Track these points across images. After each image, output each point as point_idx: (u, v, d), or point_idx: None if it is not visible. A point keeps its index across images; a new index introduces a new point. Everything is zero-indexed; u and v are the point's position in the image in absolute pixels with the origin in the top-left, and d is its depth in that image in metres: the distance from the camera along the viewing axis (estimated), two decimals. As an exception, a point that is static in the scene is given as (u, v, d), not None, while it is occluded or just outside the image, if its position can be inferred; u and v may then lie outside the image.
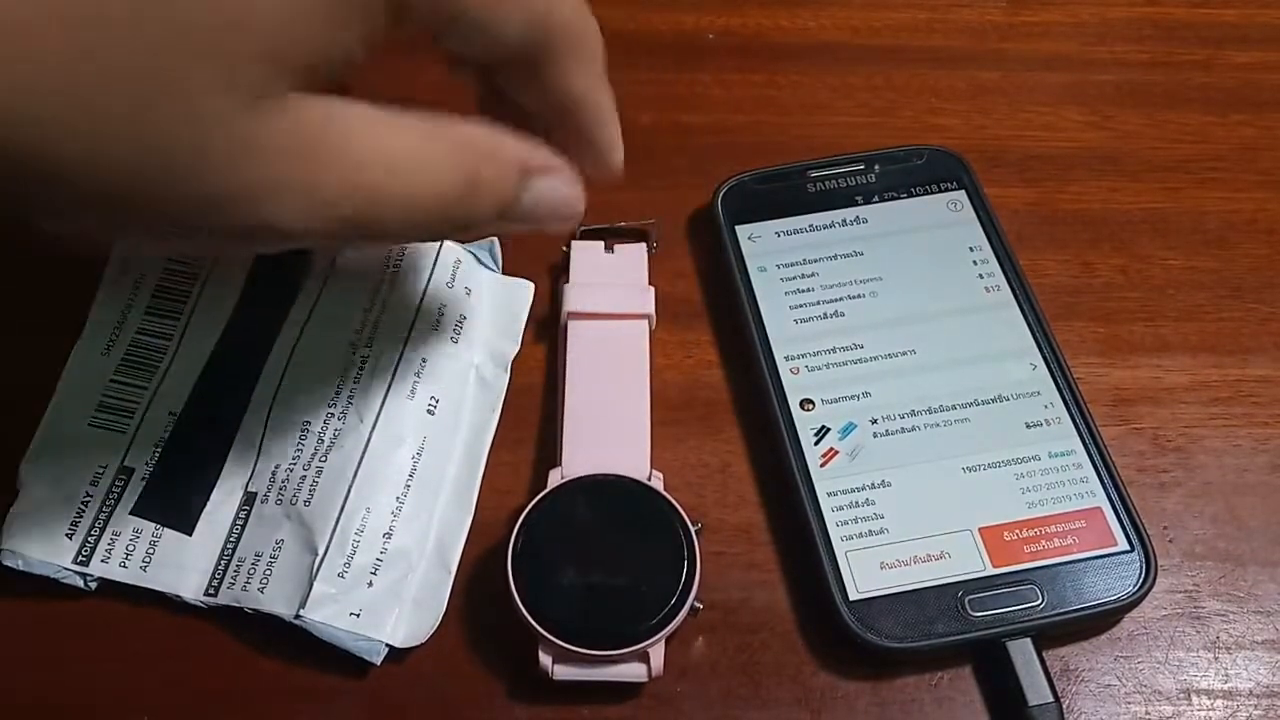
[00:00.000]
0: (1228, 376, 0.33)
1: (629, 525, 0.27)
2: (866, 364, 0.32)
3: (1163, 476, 0.31)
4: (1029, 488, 0.29)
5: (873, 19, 0.42)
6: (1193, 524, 0.30)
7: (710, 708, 0.27)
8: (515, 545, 0.27)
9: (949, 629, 0.27)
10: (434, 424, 0.30)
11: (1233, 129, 0.39)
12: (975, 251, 0.34)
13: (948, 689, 0.27)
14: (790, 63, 0.41)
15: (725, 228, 0.34)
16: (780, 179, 0.36)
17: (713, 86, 0.40)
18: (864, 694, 0.27)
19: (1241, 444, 0.31)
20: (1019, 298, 0.33)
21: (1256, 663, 0.28)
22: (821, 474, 0.29)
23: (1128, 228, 0.36)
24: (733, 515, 0.30)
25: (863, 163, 0.36)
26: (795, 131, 0.39)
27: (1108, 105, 0.39)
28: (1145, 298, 0.34)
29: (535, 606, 0.26)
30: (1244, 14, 0.42)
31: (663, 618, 0.26)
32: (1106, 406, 0.32)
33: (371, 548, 0.27)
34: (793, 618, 0.28)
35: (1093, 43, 0.41)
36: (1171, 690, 0.27)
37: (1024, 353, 0.32)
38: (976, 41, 0.42)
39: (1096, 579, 0.28)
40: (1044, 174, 0.37)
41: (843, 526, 0.29)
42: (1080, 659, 0.28)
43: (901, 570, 0.28)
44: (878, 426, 0.30)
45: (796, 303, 0.33)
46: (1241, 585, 0.29)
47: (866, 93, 0.40)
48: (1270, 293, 0.34)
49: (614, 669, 0.26)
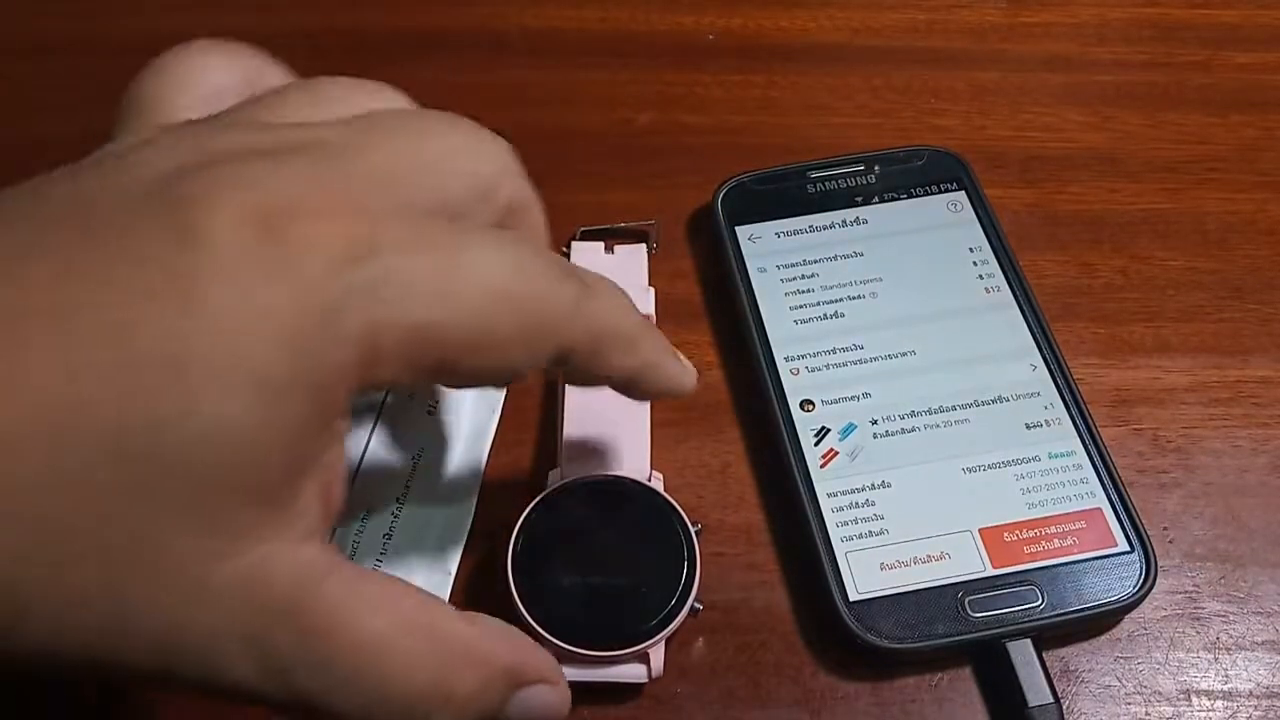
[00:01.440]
0: (1228, 377, 0.33)
1: (629, 526, 0.27)
2: (866, 365, 0.32)
3: (1163, 477, 0.31)
4: (1029, 488, 0.29)
5: (873, 19, 0.42)
6: (1193, 525, 0.30)
7: (710, 708, 0.27)
8: (515, 546, 0.27)
9: (949, 630, 0.27)
10: (433, 425, 0.30)
11: (1233, 129, 0.39)
12: (975, 252, 0.34)
13: (948, 690, 0.27)
14: (790, 63, 0.41)
15: (725, 228, 0.34)
16: (780, 179, 0.36)
17: (713, 86, 0.40)
18: (864, 694, 0.27)
19: (1242, 445, 0.31)
20: (1019, 298, 0.33)
21: (1256, 664, 0.28)
22: (821, 475, 0.29)
23: (1128, 228, 0.36)
24: (733, 516, 0.30)
25: (863, 163, 0.36)
26: (795, 132, 0.39)
27: (1108, 106, 0.39)
28: (1145, 298, 0.34)
29: (535, 607, 0.26)
30: (1244, 14, 0.42)
31: (663, 618, 0.26)
32: (1106, 407, 0.32)
33: (371, 549, 0.27)
34: (793, 618, 0.28)
35: (1093, 43, 0.41)
36: (1172, 691, 0.27)
37: (1024, 353, 0.32)
38: (976, 42, 0.42)
39: (1097, 580, 0.28)
40: (1044, 174, 0.37)
41: (843, 527, 0.28)
42: (1080, 660, 0.28)
43: (902, 571, 0.28)
44: (878, 427, 0.30)
45: (796, 303, 0.33)
46: (1242, 586, 0.29)
47: (866, 93, 0.40)
48: (1270, 293, 0.34)
49: (614, 669, 0.26)
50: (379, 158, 0.19)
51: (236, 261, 0.16)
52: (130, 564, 0.16)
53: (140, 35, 0.42)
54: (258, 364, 0.16)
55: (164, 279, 0.16)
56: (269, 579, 0.17)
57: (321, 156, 0.18)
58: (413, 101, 0.22)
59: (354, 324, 0.17)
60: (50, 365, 0.15)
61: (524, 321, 0.19)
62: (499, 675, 0.20)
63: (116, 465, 0.16)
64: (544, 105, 0.40)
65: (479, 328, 0.18)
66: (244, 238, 0.16)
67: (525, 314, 0.19)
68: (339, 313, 0.17)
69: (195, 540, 0.17)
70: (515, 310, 0.19)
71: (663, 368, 0.23)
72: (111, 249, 0.16)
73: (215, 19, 0.42)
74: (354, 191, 0.18)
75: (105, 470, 0.16)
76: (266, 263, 0.16)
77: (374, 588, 0.19)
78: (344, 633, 0.18)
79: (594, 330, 0.21)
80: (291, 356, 0.16)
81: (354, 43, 0.42)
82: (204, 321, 0.16)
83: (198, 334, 0.16)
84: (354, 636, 0.18)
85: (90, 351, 0.16)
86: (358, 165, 0.19)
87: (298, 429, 0.17)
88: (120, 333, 0.16)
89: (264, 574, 0.17)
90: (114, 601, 0.16)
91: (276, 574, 0.17)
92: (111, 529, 0.16)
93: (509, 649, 0.21)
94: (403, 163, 0.19)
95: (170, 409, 0.16)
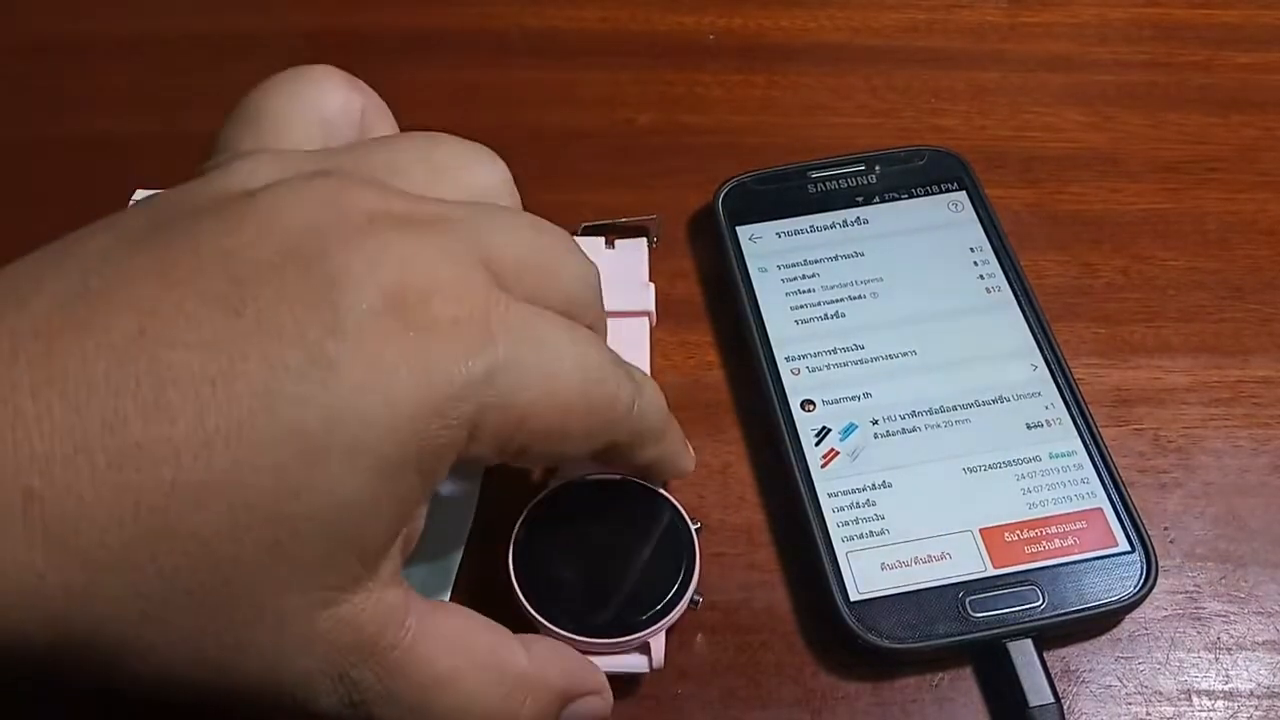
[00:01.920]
0: (1228, 377, 0.33)
1: (629, 521, 0.27)
2: (867, 365, 0.32)
3: (1163, 477, 0.31)
4: (1030, 488, 0.29)
5: (873, 19, 0.42)
6: (1193, 525, 0.30)
7: (710, 708, 0.27)
8: (517, 540, 0.27)
9: (950, 629, 0.27)
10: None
11: (1233, 129, 0.39)
12: (976, 252, 0.34)
13: (948, 690, 0.27)
14: (790, 63, 0.41)
15: (726, 228, 0.34)
16: (781, 179, 0.36)
17: (713, 86, 0.40)
18: (864, 694, 0.27)
19: (1242, 445, 0.31)
20: (1019, 298, 0.33)
21: (1257, 664, 0.28)
22: (822, 475, 0.29)
23: (1128, 228, 0.36)
24: (733, 516, 0.30)
25: (863, 163, 0.36)
26: (795, 132, 0.39)
27: (1108, 105, 0.39)
28: (1146, 298, 0.34)
29: (536, 597, 0.26)
30: (1244, 14, 0.42)
31: (663, 608, 0.26)
32: (1107, 407, 0.32)
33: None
34: (793, 618, 0.28)
35: (1093, 43, 0.41)
36: (1172, 691, 0.27)
37: (1025, 353, 0.32)
38: (976, 42, 0.42)
39: (1097, 580, 0.28)
40: (1044, 174, 0.37)
41: (843, 527, 0.28)
42: (1081, 660, 0.28)
43: (902, 571, 0.28)
44: (878, 427, 0.30)
45: (797, 303, 0.33)
46: (1242, 586, 0.29)
47: (867, 93, 0.40)
48: (1271, 293, 0.34)
49: (615, 659, 0.26)
50: (496, 240, 0.20)
51: (374, 345, 0.18)
52: (242, 611, 0.18)
53: (141, 35, 0.43)
54: (384, 445, 0.18)
55: (305, 357, 0.17)
56: (358, 623, 0.19)
57: (444, 233, 0.20)
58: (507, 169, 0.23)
59: (468, 410, 0.18)
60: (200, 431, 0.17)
61: (593, 419, 0.21)
62: (556, 697, 0.23)
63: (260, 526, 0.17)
64: (544, 105, 0.40)
65: (561, 421, 0.20)
66: (382, 321, 0.18)
67: (596, 413, 0.21)
68: (458, 401, 0.18)
69: (304, 595, 0.18)
70: (589, 409, 0.21)
71: (677, 458, 0.26)
72: (252, 321, 0.17)
73: (216, 19, 0.42)
74: (472, 271, 0.20)
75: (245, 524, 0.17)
76: (400, 348, 0.18)
77: (445, 623, 0.21)
78: (418, 670, 0.20)
79: (639, 429, 0.23)
80: (412, 440, 0.18)
81: (354, 43, 0.42)
82: (341, 400, 0.17)
83: (334, 413, 0.17)
84: (428, 672, 0.20)
85: (242, 418, 0.17)
86: (477, 245, 0.20)
87: (407, 500, 0.19)
88: (264, 403, 0.17)
89: (354, 619, 0.19)
90: (224, 647, 0.18)
91: (365, 618, 0.19)
92: (234, 579, 0.17)
93: (561, 671, 0.23)
94: (516, 249, 0.21)
95: (303, 480, 0.17)
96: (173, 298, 0.17)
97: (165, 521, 0.16)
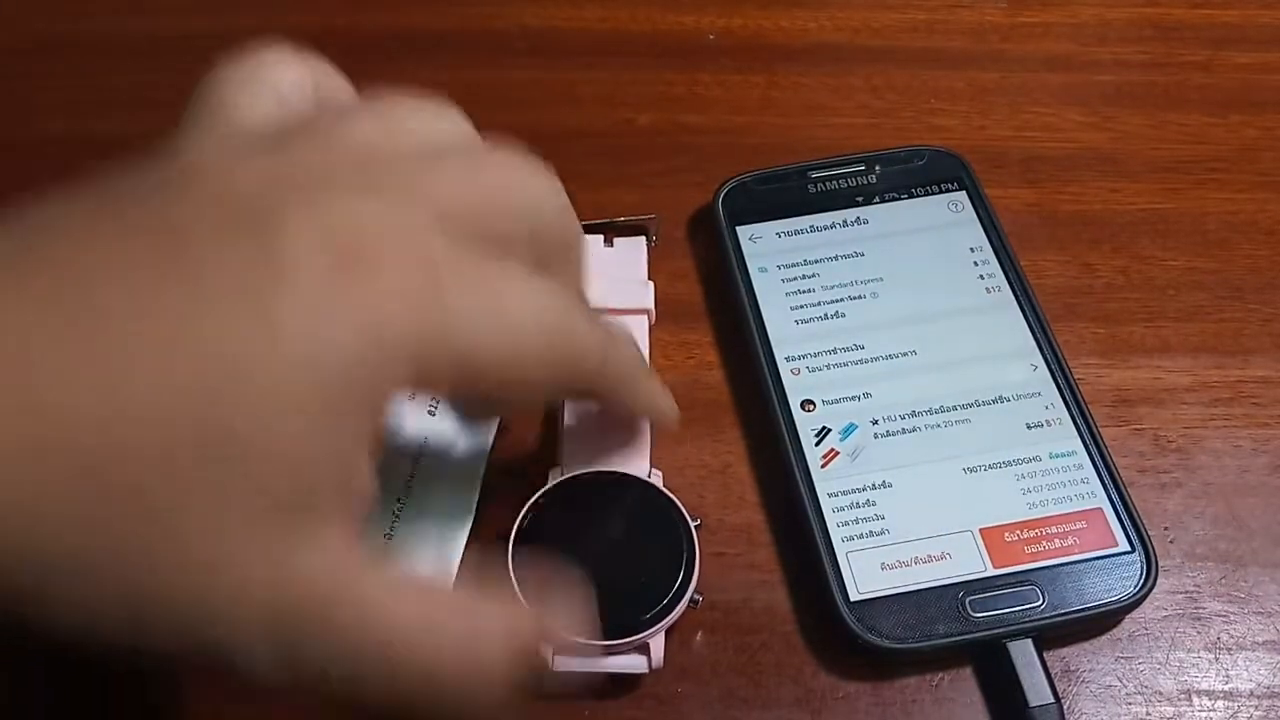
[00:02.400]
0: (1228, 377, 0.33)
1: (629, 520, 0.27)
2: (867, 365, 0.32)
3: (1163, 477, 0.31)
4: (1030, 488, 0.29)
5: (873, 19, 0.42)
6: (1193, 525, 0.30)
7: (710, 708, 0.27)
8: (516, 537, 0.27)
9: (950, 630, 0.27)
10: (434, 424, 0.30)
11: (1233, 130, 0.39)
12: (976, 252, 0.34)
13: (948, 690, 0.27)
14: (790, 63, 0.41)
15: (726, 228, 0.34)
16: (781, 179, 0.36)
17: (713, 86, 0.40)
18: (864, 694, 0.27)
19: (1242, 445, 0.31)
20: (1019, 298, 0.33)
21: (1257, 664, 0.28)
22: (822, 475, 0.29)
23: (1128, 228, 0.36)
24: (733, 516, 0.30)
25: (863, 163, 0.36)
26: (795, 132, 0.39)
27: (1108, 105, 0.39)
28: (1146, 298, 0.34)
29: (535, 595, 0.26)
30: (1244, 15, 0.42)
31: (662, 608, 0.26)
32: (1107, 407, 0.32)
33: (373, 548, 0.27)
34: (793, 618, 0.28)
35: (1093, 43, 0.41)
36: (1172, 691, 0.27)
37: (1025, 353, 0.32)
38: (976, 42, 0.42)
39: (1097, 580, 0.28)
40: (1044, 174, 0.37)
41: (843, 527, 0.28)
42: (1081, 660, 0.28)
43: (902, 571, 0.28)
44: (878, 427, 0.30)
45: (797, 303, 0.33)
46: (1242, 586, 0.29)
47: (866, 93, 0.40)
48: (1271, 293, 0.34)
49: (614, 660, 0.26)
50: (444, 191, 0.20)
51: (314, 290, 0.18)
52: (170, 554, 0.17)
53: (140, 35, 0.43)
54: (326, 390, 0.18)
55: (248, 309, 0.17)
56: (295, 578, 0.18)
57: (393, 188, 0.20)
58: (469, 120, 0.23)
59: (411, 353, 0.18)
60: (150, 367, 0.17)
61: (558, 370, 0.21)
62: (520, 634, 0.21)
63: (197, 465, 0.17)
64: (544, 105, 0.40)
65: (517, 367, 0.20)
66: (327, 275, 0.18)
67: (560, 364, 0.21)
68: (400, 345, 0.18)
69: (238, 543, 0.18)
70: (552, 361, 0.21)
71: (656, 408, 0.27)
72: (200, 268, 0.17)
73: (216, 19, 0.42)
74: (420, 225, 0.19)
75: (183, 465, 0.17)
76: (345, 300, 0.18)
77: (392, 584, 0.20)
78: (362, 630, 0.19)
79: (610, 380, 0.24)
80: (355, 383, 0.18)
81: (354, 43, 0.42)
82: (281, 347, 0.17)
83: (275, 358, 0.17)
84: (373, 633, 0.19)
85: (185, 360, 0.17)
86: (426, 198, 0.20)
87: (351, 444, 0.19)
88: (202, 349, 0.17)
89: (291, 574, 0.18)
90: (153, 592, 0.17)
91: (303, 573, 0.18)
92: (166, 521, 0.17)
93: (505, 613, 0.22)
94: (467, 197, 0.21)
95: (246, 424, 0.17)
96: (115, 256, 0.17)
97: (93, 462, 0.16)
